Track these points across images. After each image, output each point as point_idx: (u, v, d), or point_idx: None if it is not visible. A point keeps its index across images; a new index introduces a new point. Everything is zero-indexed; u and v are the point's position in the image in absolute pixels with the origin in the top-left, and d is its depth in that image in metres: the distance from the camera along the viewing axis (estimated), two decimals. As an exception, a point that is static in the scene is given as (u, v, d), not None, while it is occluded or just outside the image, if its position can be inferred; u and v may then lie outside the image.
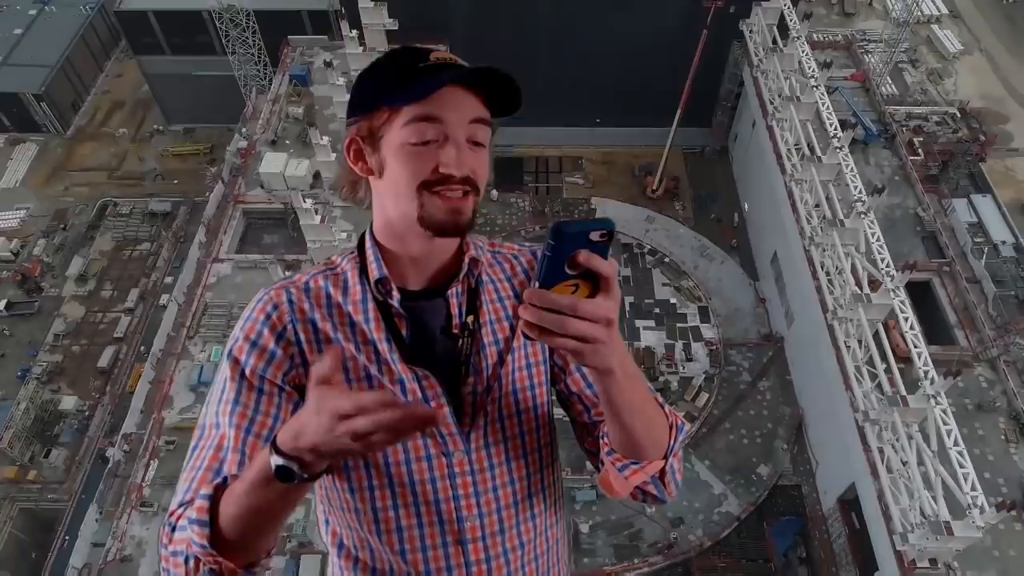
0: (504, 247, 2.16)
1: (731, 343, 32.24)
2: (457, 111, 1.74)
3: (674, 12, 36.59)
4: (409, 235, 1.86)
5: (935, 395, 20.56)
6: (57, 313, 42.29)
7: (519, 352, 2.01)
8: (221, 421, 1.84)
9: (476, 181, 1.80)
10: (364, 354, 1.88)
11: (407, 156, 1.75)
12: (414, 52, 1.77)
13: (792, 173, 28.85)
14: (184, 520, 1.64)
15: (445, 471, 1.92)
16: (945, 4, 58.95)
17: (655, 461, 1.86)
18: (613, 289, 1.50)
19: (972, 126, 39.06)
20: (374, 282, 1.91)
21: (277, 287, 1.95)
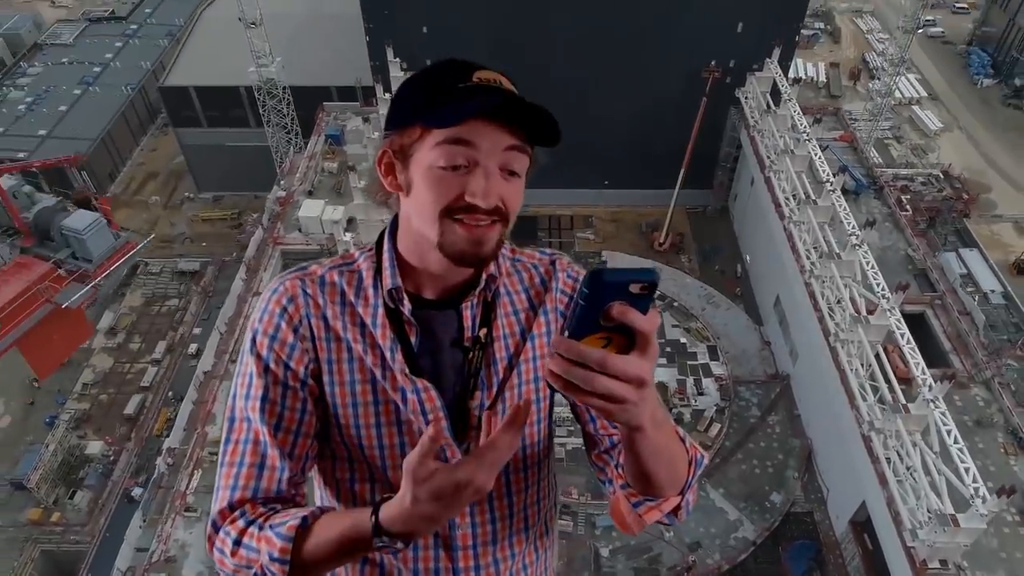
0: (524, 254, 2.12)
1: (739, 380, 33.76)
2: (492, 138, 1.67)
3: (676, 83, 40.03)
4: (429, 257, 1.84)
5: (934, 399, 22.09)
6: (86, 364, 43.82)
7: (527, 366, 1.99)
8: (252, 416, 1.87)
9: (506, 212, 1.75)
10: (371, 358, 1.89)
11: (434, 180, 1.71)
12: (457, 68, 1.72)
13: (790, 216, 31.28)
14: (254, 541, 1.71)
15: None
16: (923, 87, 63.49)
17: (671, 498, 1.81)
18: (650, 347, 1.38)
19: (955, 186, 41.88)
20: (387, 290, 1.90)
21: (292, 278, 1.95)
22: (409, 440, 1.91)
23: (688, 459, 1.82)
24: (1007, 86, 63.13)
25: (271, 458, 1.84)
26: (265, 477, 1.84)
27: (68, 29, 66.81)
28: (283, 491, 1.85)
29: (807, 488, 30.07)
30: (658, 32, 38.43)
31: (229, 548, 1.74)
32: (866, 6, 74.24)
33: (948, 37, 70.19)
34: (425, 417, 1.89)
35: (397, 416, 1.90)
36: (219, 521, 1.80)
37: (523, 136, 1.69)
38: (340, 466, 1.98)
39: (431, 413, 1.89)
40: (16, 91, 59.25)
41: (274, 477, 1.84)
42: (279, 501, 1.84)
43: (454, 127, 1.64)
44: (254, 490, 1.83)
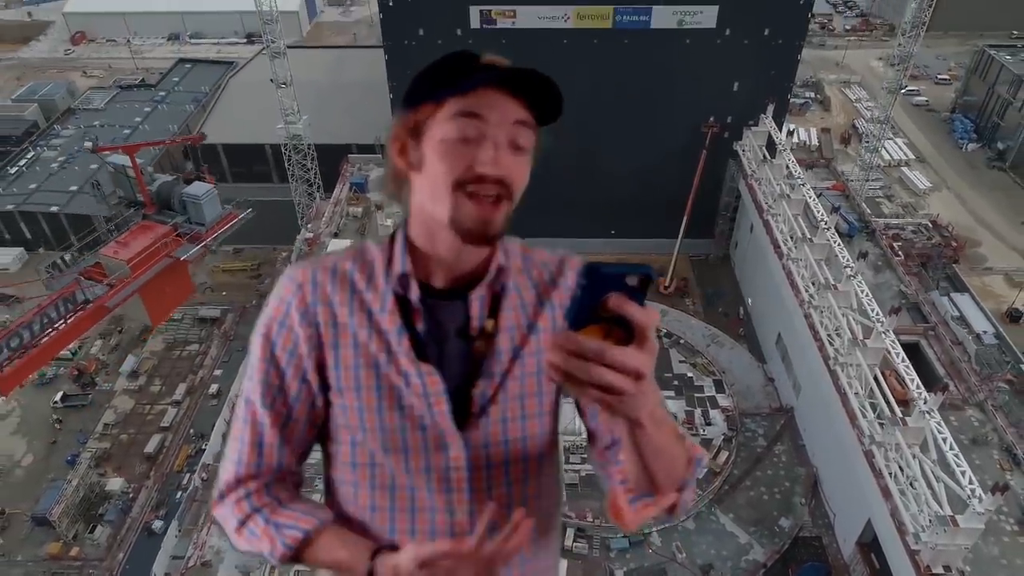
0: (536, 253, 2.17)
1: (745, 413, 35.04)
2: (499, 111, 1.77)
3: (677, 138, 42.79)
4: (439, 235, 1.90)
5: (929, 411, 23.50)
6: (108, 405, 44.99)
7: (531, 359, 2.01)
8: (254, 398, 2.02)
9: (511, 186, 1.81)
10: (376, 344, 1.95)
11: (445, 151, 1.79)
12: (467, 55, 1.83)
13: (788, 254, 33.28)
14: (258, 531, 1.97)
15: (441, 463, 1.98)
16: (911, 151, 66.72)
17: (669, 495, 1.81)
18: (648, 341, 1.40)
19: (944, 234, 44.08)
20: (396, 277, 1.96)
21: (304, 267, 2.04)
22: (410, 424, 1.95)
23: (687, 458, 1.80)
24: (991, 149, 66.33)
25: (268, 437, 2.01)
26: (265, 454, 2.01)
27: (100, 95, 70.66)
28: (282, 467, 2.04)
29: (814, 514, 30.98)
30: (660, 92, 41.45)
31: (233, 525, 1.99)
32: (853, 77, 78.48)
33: (932, 105, 74.03)
34: (427, 400, 1.94)
35: (399, 400, 1.95)
36: (225, 492, 2.03)
37: (530, 112, 1.80)
38: (343, 449, 2.05)
39: (433, 397, 1.94)
40: (49, 151, 62.41)
41: (273, 455, 2.02)
42: (280, 479, 2.05)
43: (466, 97, 1.76)
44: (256, 467, 2.01)
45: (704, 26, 39.29)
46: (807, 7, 39.55)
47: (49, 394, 45.44)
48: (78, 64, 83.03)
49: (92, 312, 31.01)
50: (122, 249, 31.84)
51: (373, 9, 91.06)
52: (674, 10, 39.03)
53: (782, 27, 39.60)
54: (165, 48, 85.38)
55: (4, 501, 39.43)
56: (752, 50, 39.91)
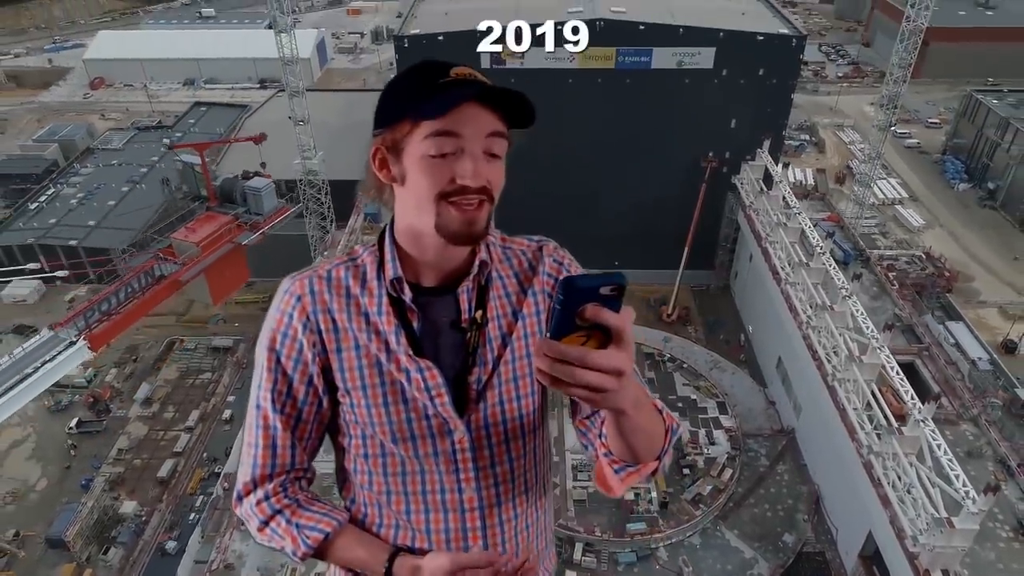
0: (514, 242, 2.32)
1: (748, 434, 35.98)
2: (474, 126, 1.88)
3: (678, 172, 44.66)
4: (426, 241, 2.03)
5: (923, 419, 24.58)
6: (122, 431, 45.80)
7: (520, 343, 2.18)
8: (264, 404, 2.17)
9: (491, 191, 1.95)
10: (375, 344, 2.09)
11: (426, 168, 1.91)
12: (436, 67, 1.92)
13: (786, 279, 34.69)
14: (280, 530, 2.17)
15: (448, 447, 2.13)
16: (905, 190, 68.70)
17: (649, 463, 1.96)
18: (624, 340, 1.52)
19: (937, 265, 45.54)
20: (389, 280, 2.09)
21: (301, 278, 2.16)
22: (415, 415, 2.10)
23: (665, 428, 1.96)
24: (982, 189, 68.28)
25: (281, 439, 2.15)
26: (279, 455, 2.15)
27: (118, 136, 73.08)
28: (295, 465, 2.19)
29: (817, 530, 31.70)
30: (661, 128, 43.45)
31: (255, 524, 2.17)
32: (846, 121, 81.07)
33: (923, 148, 76.41)
34: (428, 393, 2.07)
35: (403, 395, 2.08)
36: (243, 493, 2.18)
37: (502, 122, 1.93)
38: (354, 442, 2.20)
39: (434, 390, 2.07)
40: (69, 188, 64.39)
41: (286, 455, 2.16)
42: (295, 477, 2.21)
43: (440, 118, 1.86)
44: (271, 467, 2.16)
45: (702, 67, 41.49)
46: (799, 49, 41.81)
47: (64, 420, 46.30)
48: (96, 107, 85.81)
49: (167, 285, 36.60)
50: (191, 234, 37.30)
51: (382, 57, 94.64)
52: (673, 51, 41.28)
53: (775, 68, 41.79)
54: (180, 93, 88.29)
55: (18, 524, 40.00)
56: (748, 89, 42.03)
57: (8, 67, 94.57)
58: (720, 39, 40.90)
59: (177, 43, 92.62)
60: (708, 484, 32.34)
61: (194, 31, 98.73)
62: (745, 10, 45.68)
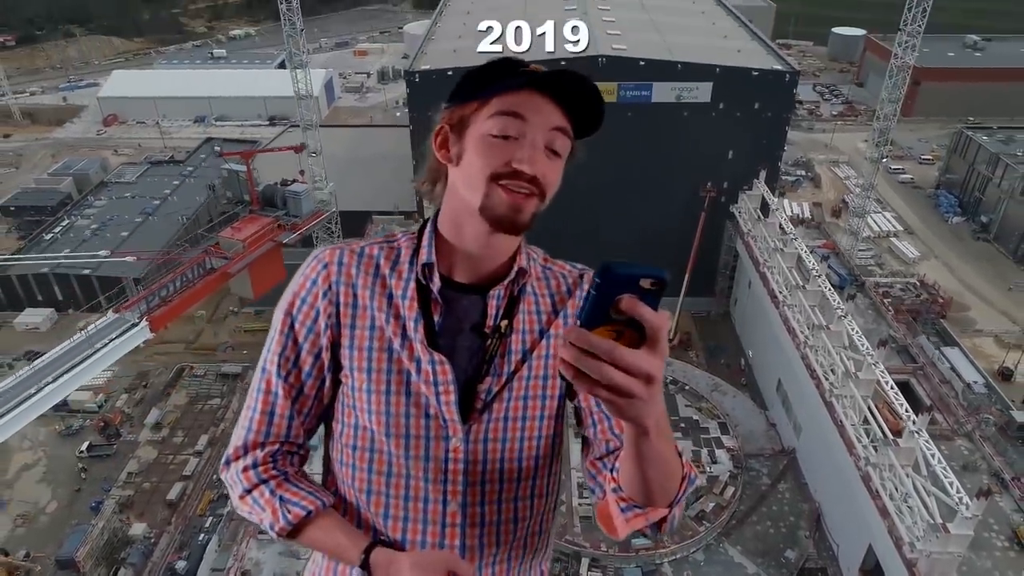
0: (556, 264, 2.24)
1: (749, 455, 36.72)
2: (540, 114, 1.86)
3: (677, 201, 46.12)
4: (468, 225, 1.97)
5: (918, 431, 25.48)
6: (132, 455, 46.43)
7: (539, 362, 2.07)
8: (270, 368, 2.09)
9: (544, 186, 1.88)
10: (392, 327, 2.02)
11: (486, 146, 1.88)
12: (514, 61, 1.90)
13: (784, 301, 35.83)
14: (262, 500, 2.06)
15: (441, 454, 2.02)
16: (899, 223, 70.24)
17: (659, 509, 1.84)
18: (659, 343, 1.39)
19: (931, 292, 46.72)
20: (421, 265, 2.03)
21: (332, 248, 2.12)
22: (415, 410, 2.02)
23: (682, 475, 1.84)
24: (975, 223, 69.81)
25: (280, 407, 2.09)
26: (275, 423, 2.09)
27: (131, 170, 74.95)
28: (290, 438, 2.13)
29: (818, 546, 32.28)
30: (661, 160, 45.06)
31: (238, 491, 2.11)
32: (841, 157, 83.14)
33: (917, 183, 78.25)
34: (436, 388, 2.00)
35: (407, 385, 2.02)
36: (232, 457, 2.13)
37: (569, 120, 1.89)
38: (345, 431, 2.12)
39: (442, 385, 1.99)
40: (83, 219, 65.96)
41: (282, 425, 2.10)
42: (287, 451, 2.15)
43: (510, 96, 1.86)
44: (264, 435, 2.10)
45: (700, 100, 43.28)
46: (792, 84, 43.64)
47: (75, 444, 46.96)
48: (109, 143, 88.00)
49: (218, 276, 41.13)
50: (237, 232, 42.35)
51: (388, 96, 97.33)
52: (672, 86, 43.12)
53: (770, 101, 43.58)
54: (191, 129, 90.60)
55: (29, 545, 40.44)
56: (744, 122, 43.76)
57: (23, 104, 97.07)
58: (717, 74, 42.78)
59: (189, 82, 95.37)
60: (711, 501, 32.99)
61: (206, 71, 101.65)
62: (740, 47, 47.73)
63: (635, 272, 1.35)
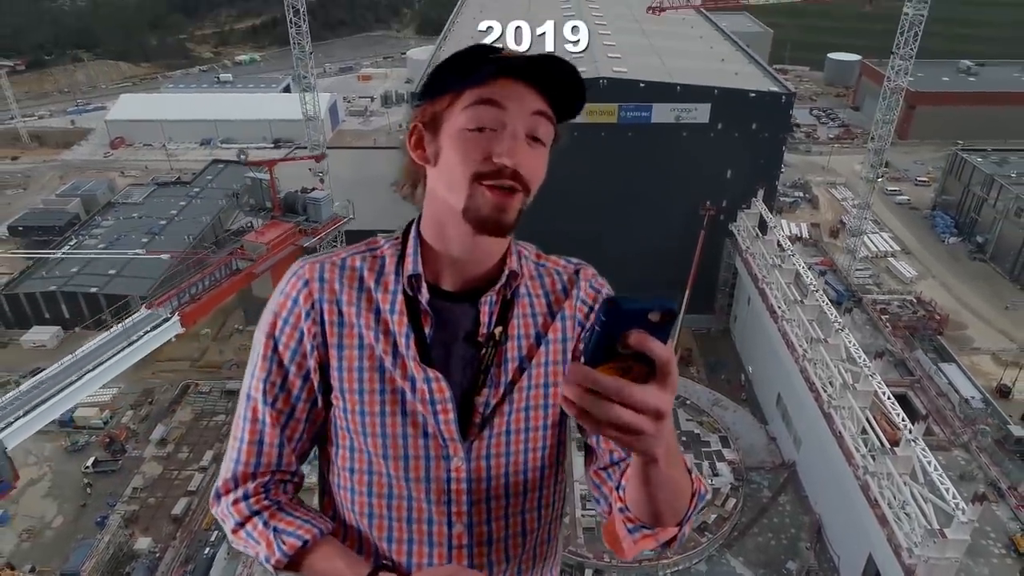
0: (550, 260, 2.14)
1: (750, 468, 37.15)
2: (518, 100, 1.73)
3: (677, 220, 46.95)
4: (451, 228, 1.85)
5: (915, 439, 26.02)
6: (137, 471, 46.76)
7: (539, 370, 1.99)
8: (255, 395, 1.97)
9: (527, 179, 1.76)
10: (382, 345, 1.91)
11: (462, 142, 1.75)
12: (487, 48, 1.77)
13: (782, 316, 36.50)
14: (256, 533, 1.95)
15: (442, 474, 1.93)
16: (896, 243, 71.12)
17: (668, 529, 1.78)
18: (669, 377, 1.32)
19: (928, 309, 47.39)
20: (407, 277, 1.91)
21: (312, 262, 1.98)
22: (412, 431, 1.91)
23: (692, 492, 1.76)
24: (971, 243, 70.68)
25: (269, 435, 1.97)
26: (264, 454, 1.97)
27: (138, 191, 76.01)
28: (281, 466, 2.01)
29: (820, 558, 32.62)
30: (661, 179, 46.01)
31: (230, 525, 1.99)
32: (838, 179, 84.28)
33: (914, 204, 79.29)
34: (433, 407, 1.89)
35: (403, 405, 1.91)
36: (221, 491, 2.01)
37: (549, 105, 1.76)
38: (341, 453, 2.01)
39: (439, 404, 1.89)
40: (90, 239, 66.82)
41: (272, 454, 1.98)
42: (279, 480, 2.02)
43: (484, 85, 1.72)
44: (255, 466, 1.98)
45: (698, 121, 44.33)
46: (788, 105, 44.73)
47: (81, 460, 47.30)
48: (116, 165, 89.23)
49: (243, 276, 44.10)
50: (260, 236, 45.94)
51: (391, 120, 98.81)
52: (672, 107, 44.19)
53: (767, 122, 44.64)
54: (198, 152, 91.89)
55: (34, 560, 40.65)
56: (742, 142, 44.77)
57: (31, 127, 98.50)
58: (715, 96, 43.87)
59: (196, 105, 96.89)
60: (712, 513, 33.36)
61: (212, 94, 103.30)
62: (738, 70, 48.93)
63: (643, 307, 1.29)
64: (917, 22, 41.31)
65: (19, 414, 32.17)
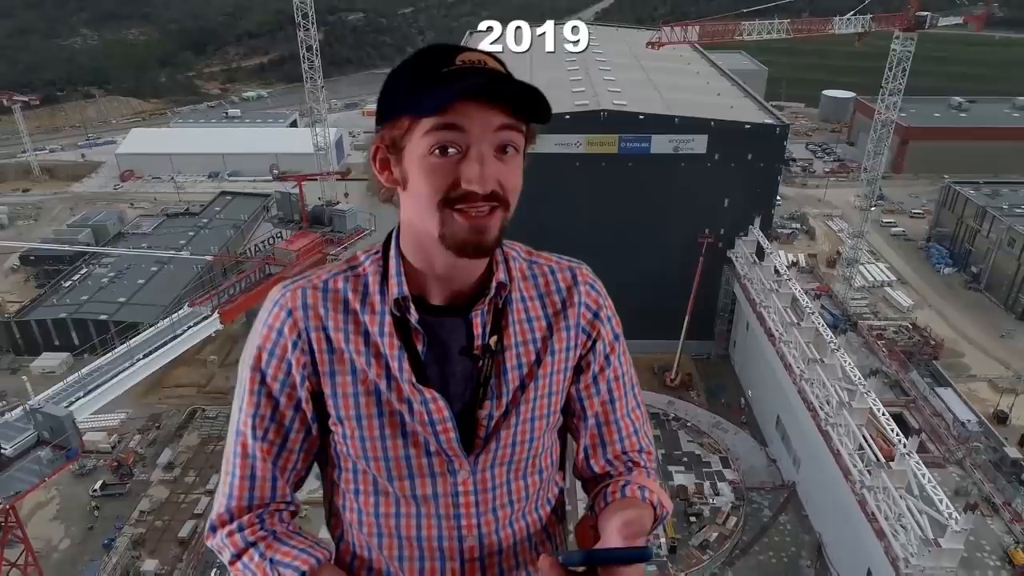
0: (542, 257, 2.07)
1: (751, 488, 37.76)
2: (481, 120, 1.61)
3: (676, 248, 48.18)
4: (431, 251, 1.78)
5: (909, 452, 26.81)
6: (144, 494, 47.21)
7: (544, 381, 1.96)
8: (244, 430, 1.92)
9: (504, 195, 1.67)
10: (375, 369, 1.86)
11: (428, 169, 1.65)
12: (440, 53, 1.65)
13: (779, 338, 37.46)
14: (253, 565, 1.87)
15: (449, 489, 1.92)
16: (893, 273, 72.28)
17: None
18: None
19: (923, 335, 48.34)
20: (393, 300, 1.84)
21: (293, 288, 1.91)
22: (415, 452, 1.89)
23: (655, 518, 1.92)
24: (966, 273, 71.84)
25: (260, 470, 1.92)
26: (257, 488, 1.92)
27: (148, 222, 77.54)
28: (275, 499, 1.95)
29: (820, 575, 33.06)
30: (660, 208, 47.37)
31: (227, 557, 1.92)
32: (835, 211, 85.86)
33: (909, 235, 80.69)
34: (433, 428, 1.86)
35: (403, 428, 1.87)
36: (216, 525, 1.94)
37: (515, 114, 1.64)
38: (344, 476, 1.99)
39: (439, 424, 1.86)
40: (101, 268, 68.07)
41: (265, 487, 1.93)
42: (275, 509, 1.95)
43: (440, 114, 1.59)
44: (248, 500, 1.92)
45: (696, 151, 45.86)
46: (782, 137, 46.29)
47: (88, 484, 47.74)
48: (126, 197, 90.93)
49: (274, 280, 43.70)
50: (290, 245, 49.59)
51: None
52: (670, 138, 45.76)
53: (762, 153, 46.16)
54: (205, 184, 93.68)
55: (42, 582, 40.88)
56: (738, 172, 46.24)
57: (43, 160, 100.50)
58: (711, 128, 45.46)
59: (204, 139, 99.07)
60: (714, 531, 33.90)
61: (220, 129, 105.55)
62: (734, 104, 50.67)
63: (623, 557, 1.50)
64: (904, 58, 43.07)
65: (80, 393, 37.26)
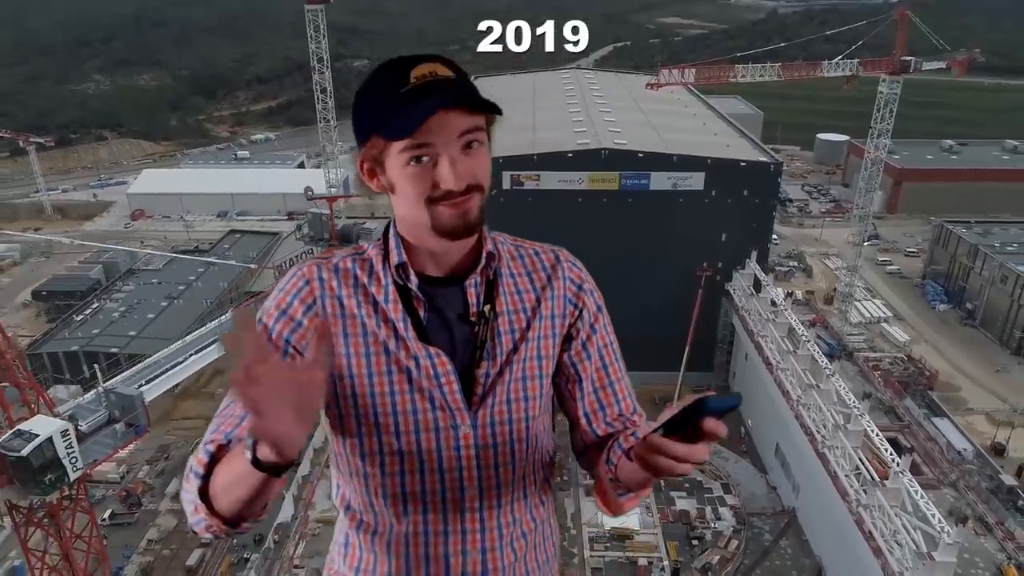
0: (526, 243, 2.32)
1: (752, 513, 38.46)
2: (444, 132, 1.86)
3: (675, 281, 49.57)
4: (425, 235, 2.01)
5: (902, 471, 27.77)
6: (152, 523, 47.70)
7: (533, 344, 2.16)
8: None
9: (479, 184, 1.94)
10: (384, 330, 2.05)
11: (409, 177, 1.90)
12: (394, 72, 1.87)
13: (777, 365, 38.61)
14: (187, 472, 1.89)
15: (452, 443, 2.07)
16: (889, 310, 73.56)
17: (647, 489, 2.03)
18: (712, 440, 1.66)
19: (918, 366, 49.42)
20: (394, 266, 2.07)
21: (310, 264, 2.12)
22: (422, 404, 2.05)
23: None
24: (961, 309, 73.13)
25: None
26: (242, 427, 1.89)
27: (158, 259, 79.12)
28: None
29: (821, 599, 33.59)
30: (660, 242, 48.96)
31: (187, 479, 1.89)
32: (831, 250, 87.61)
33: (904, 273, 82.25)
34: (437, 380, 2.04)
35: (410, 383, 2.05)
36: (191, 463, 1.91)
37: (472, 113, 1.88)
38: (349, 443, 2.12)
39: (443, 377, 2.04)
40: (111, 303, 69.45)
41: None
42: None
43: (406, 139, 1.84)
44: (227, 435, 1.92)
45: (694, 188, 47.66)
46: (776, 174, 48.15)
47: (97, 513, 48.17)
48: (136, 236, 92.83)
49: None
50: None
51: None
52: (669, 176, 47.62)
53: (758, 189, 47.95)
54: (214, 223, 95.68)
55: (49, 609, 41.16)
56: (735, 207, 47.96)
57: (55, 200, 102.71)
58: (708, 165, 47.34)
59: (213, 179, 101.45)
60: (716, 554, 34.54)
61: (229, 169, 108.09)
62: (729, 143, 52.72)
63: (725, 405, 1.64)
64: (891, 100, 45.15)
65: (149, 377, 41.25)
